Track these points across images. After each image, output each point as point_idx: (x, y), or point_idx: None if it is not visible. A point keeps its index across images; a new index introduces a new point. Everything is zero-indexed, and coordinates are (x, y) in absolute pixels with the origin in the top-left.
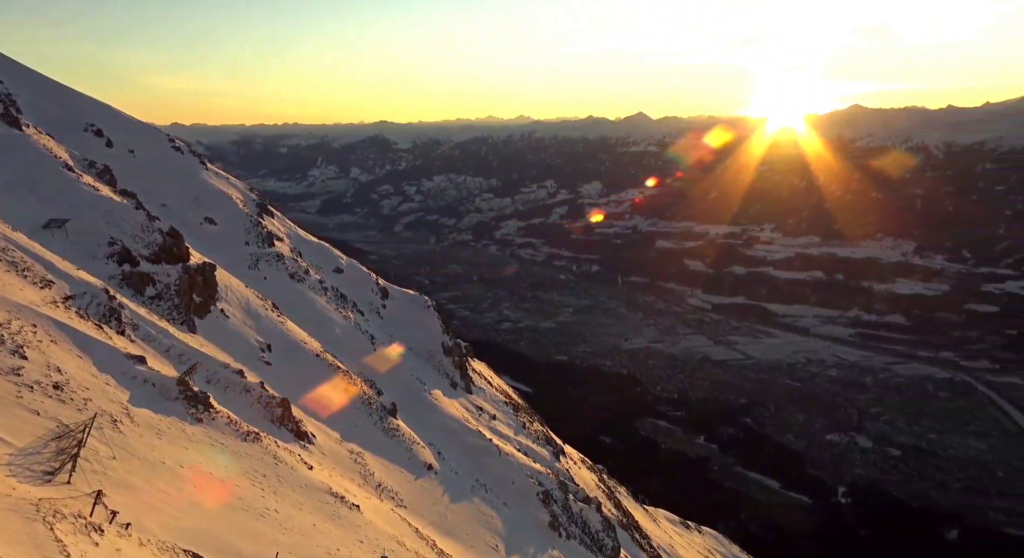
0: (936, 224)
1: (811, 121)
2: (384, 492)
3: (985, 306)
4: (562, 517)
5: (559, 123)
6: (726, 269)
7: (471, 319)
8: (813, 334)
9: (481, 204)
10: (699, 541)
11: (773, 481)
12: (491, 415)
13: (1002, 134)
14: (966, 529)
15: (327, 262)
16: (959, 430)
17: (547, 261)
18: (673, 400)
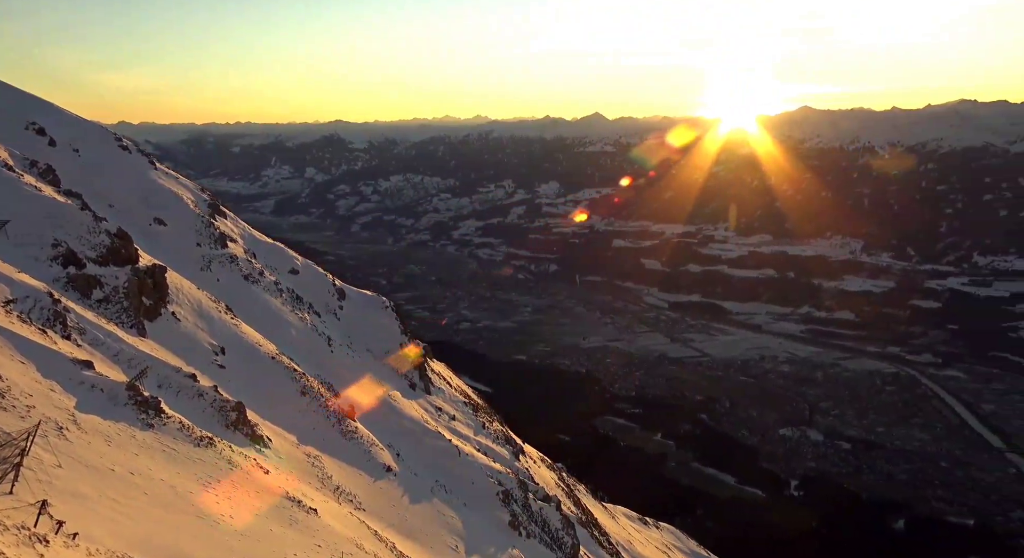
0: (882, 223)
1: (762, 122)
2: (342, 495)
3: (928, 302)
4: (522, 516)
5: (516, 123)
6: (682, 268)
7: (429, 319)
8: (766, 331)
9: (439, 204)
10: (657, 537)
11: (729, 476)
12: (450, 415)
13: (943, 136)
14: (912, 518)
15: (282, 263)
16: (905, 423)
17: (505, 260)
18: (631, 398)
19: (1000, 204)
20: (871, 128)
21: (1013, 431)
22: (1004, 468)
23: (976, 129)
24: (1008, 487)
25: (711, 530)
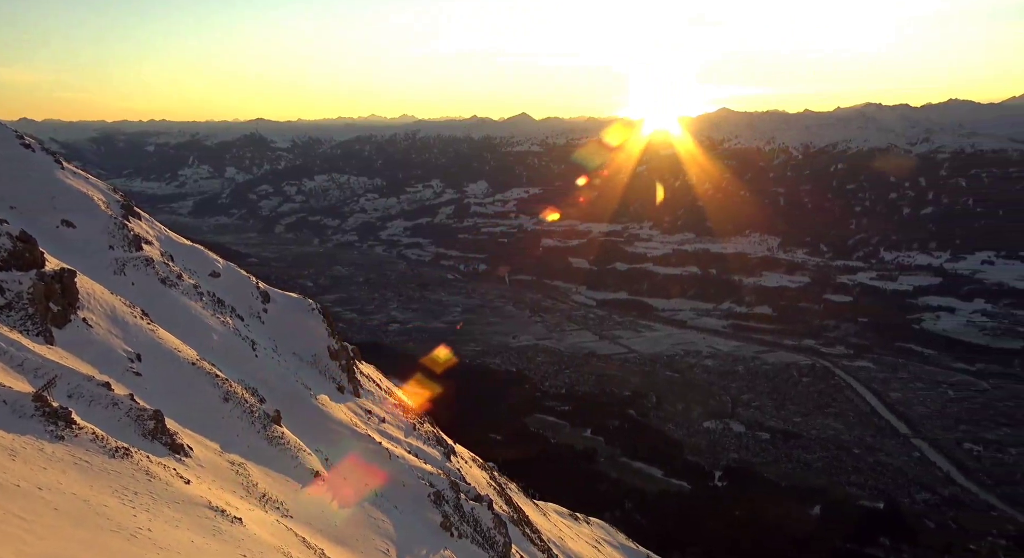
0: (797, 220)
1: (684, 123)
2: (269, 503)
3: (840, 296)
4: (454, 517)
5: (443, 122)
6: (608, 266)
7: (358, 321)
8: (690, 326)
9: (366, 204)
10: (587, 532)
11: (656, 469)
12: (380, 418)
13: (851, 136)
14: (827, 503)
15: (202, 266)
16: (820, 412)
17: (434, 261)
18: (561, 395)
19: (904, 203)
20: (785, 130)
21: (917, 418)
22: (910, 453)
23: (880, 131)
24: (913, 470)
25: (639, 523)
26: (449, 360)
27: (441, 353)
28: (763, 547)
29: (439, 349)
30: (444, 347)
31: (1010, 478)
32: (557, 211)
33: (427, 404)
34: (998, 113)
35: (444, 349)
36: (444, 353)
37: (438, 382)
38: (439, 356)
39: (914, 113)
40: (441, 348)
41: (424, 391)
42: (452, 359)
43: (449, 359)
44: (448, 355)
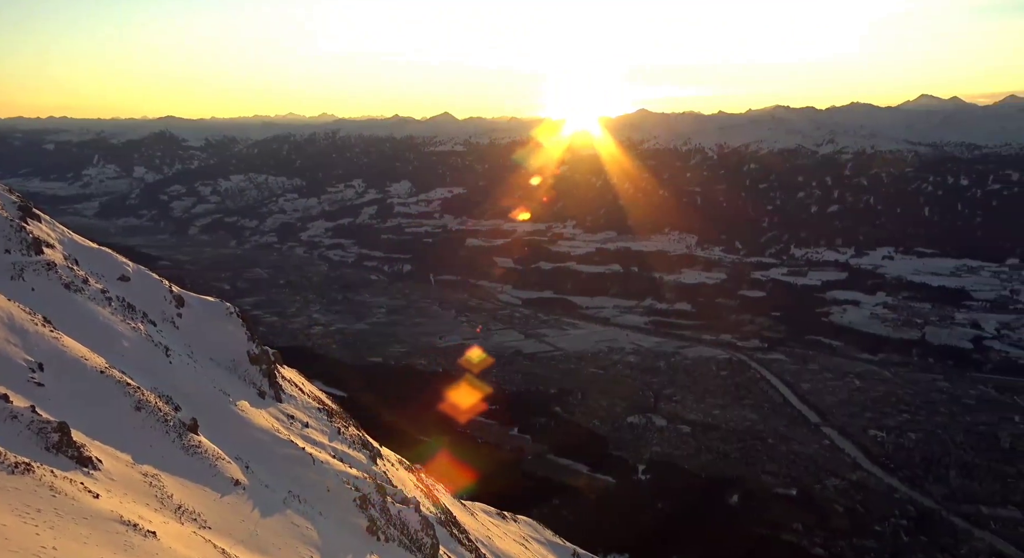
0: (713, 219)
1: (604, 124)
2: (185, 514)
3: (755, 292)
4: (380, 520)
5: (365, 121)
6: (533, 265)
7: (279, 324)
8: (613, 323)
9: (285, 205)
10: (515, 529)
11: (582, 465)
12: (304, 423)
13: (762, 137)
14: (744, 492)
15: (110, 270)
16: (737, 404)
17: (358, 262)
18: (488, 395)
19: (811, 201)
20: (701, 131)
21: (826, 407)
22: (820, 441)
23: (789, 132)
24: (823, 457)
25: (566, 518)
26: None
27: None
28: (684, 537)
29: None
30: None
31: (910, 462)
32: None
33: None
34: (895, 116)
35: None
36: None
37: (365, 384)
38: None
39: (819, 115)
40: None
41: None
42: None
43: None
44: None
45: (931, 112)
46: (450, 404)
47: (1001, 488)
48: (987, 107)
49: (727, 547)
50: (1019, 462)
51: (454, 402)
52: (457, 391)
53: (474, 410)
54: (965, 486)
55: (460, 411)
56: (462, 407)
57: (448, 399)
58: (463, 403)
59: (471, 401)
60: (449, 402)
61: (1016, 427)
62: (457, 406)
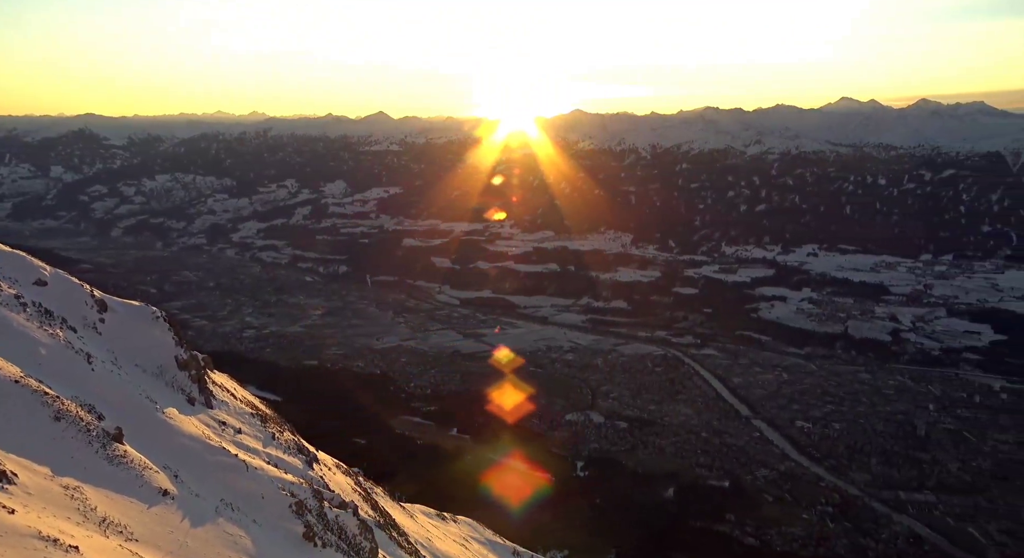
0: (647, 218)
1: (540, 124)
2: (110, 527)
3: (688, 289)
4: (317, 526)
5: (297, 120)
6: (471, 265)
7: (209, 328)
8: (551, 322)
9: (215, 205)
10: (455, 530)
11: (521, 464)
12: (236, 429)
13: (694, 138)
14: (679, 486)
15: (25, 274)
16: (672, 399)
17: (292, 263)
18: (427, 396)
19: (740, 200)
20: (634, 131)
21: (756, 400)
22: (751, 433)
23: (718, 133)
24: (754, 449)
25: (506, 517)
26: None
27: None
28: (622, 532)
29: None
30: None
31: (835, 451)
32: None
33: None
34: (818, 118)
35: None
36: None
37: (300, 388)
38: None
39: (747, 117)
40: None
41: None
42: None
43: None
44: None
45: (850, 114)
46: (387, 406)
47: (918, 474)
48: (902, 110)
49: (663, 540)
50: (933, 449)
51: (390, 403)
52: (393, 392)
53: (411, 411)
54: (885, 473)
55: (397, 412)
56: (399, 408)
57: (384, 400)
58: (400, 404)
59: (408, 402)
60: (386, 403)
61: (930, 415)
62: (394, 407)
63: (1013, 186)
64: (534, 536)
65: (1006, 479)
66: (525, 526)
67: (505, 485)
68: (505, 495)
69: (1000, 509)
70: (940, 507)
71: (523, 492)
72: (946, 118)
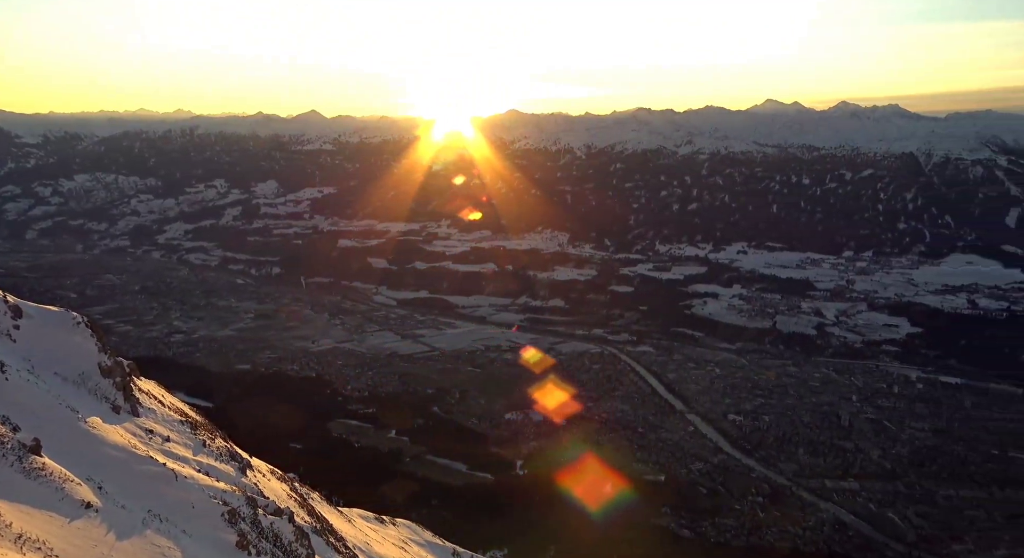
0: (583, 217)
1: (476, 124)
2: (27, 543)
3: (623, 287)
4: (251, 534)
5: (225, 119)
6: (408, 265)
7: (135, 333)
8: (490, 322)
9: (139, 206)
10: (394, 533)
11: (460, 464)
12: (164, 437)
13: (627, 138)
14: (616, 481)
15: None
16: (610, 396)
17: (222, 265)
18: (364, 398)
19: (672, 199)
20: (569, 131)
21: (690, 395)
22: (685, 427)
23: (651, 133)
24: (688, 443)
25: (446, 518)
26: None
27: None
28: (562, 529)
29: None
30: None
31: (765, 443)
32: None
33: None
34: (745, 119)
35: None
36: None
37: (233, 393)
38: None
39: (678, 118)
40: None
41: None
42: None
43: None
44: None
45: (776, 116)
46: (323, 409)
47: (842, 462)
48: (823, 112)
49: (601, 534)
50: (856, 438)
51: (327, 407)
52: (330, 395)
53: (349, 414)
54: (812, 462)
55: (334, 415)
56: (336, 411)
57: (321, 404)
58: (336, 407)
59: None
60: (322, 407)
61: (853, 406)
62: (330, 411)
63: (925, 186)
64: (474, 536)
65: (922, 465)
66: (465, 526)
67: (444, 485)
68: (445, 495)
69: (917, 494)
70: (863, 494)
71: (463, 492)
72: (864, 120)
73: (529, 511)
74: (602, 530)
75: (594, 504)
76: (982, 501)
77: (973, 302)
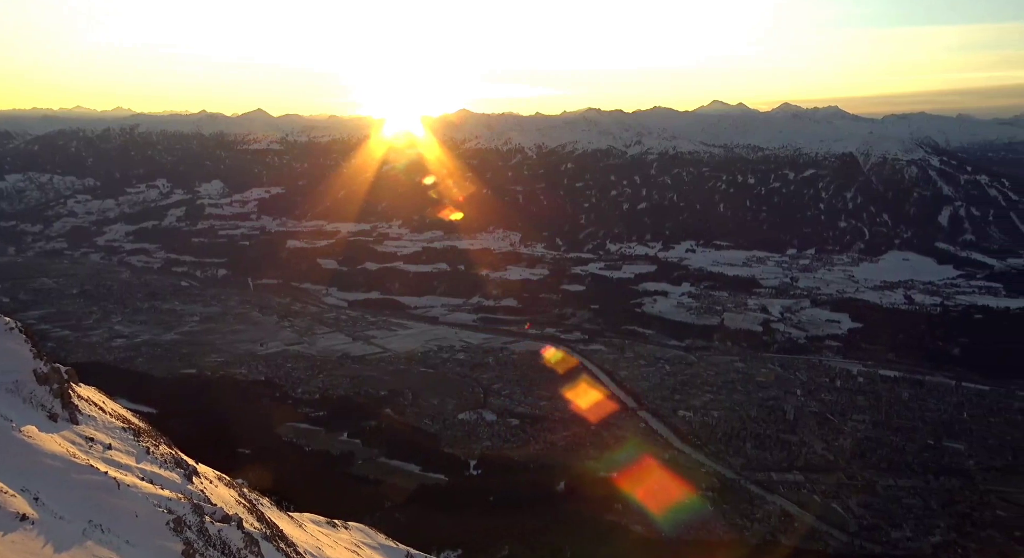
0: (534, 217)
1: (427, 123)
2: None
3: (575, 286)
4: (198, 542)
5: (168, 117)
6: (359, 266)
7: (73, 338)
8: (442, 322)
9: (76, 207)
10: (346, 537)
11: (414, 466)
12: (105, 445)
13: (577, 138)
14: (571, 478)
15: None
16: (562, 395)
17: (165, 268)
18: (314, 401)
19: (622, 198)
20: (520, 131)
21: (641, 391)
22: (637, 424)
23: (601, 134)
24: (640, 440)
25: (399, 520)
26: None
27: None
28: (515, 527)
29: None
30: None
31: (714, 437)
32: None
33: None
34: (692, 120)
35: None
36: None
37: (178, 398)
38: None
39: (627, 118)
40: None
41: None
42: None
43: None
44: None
45: (722, 117)
46: (273, 413)
47: (787, 455)
48: (767, 113)
49: (555, 532)
50: (801, 431)
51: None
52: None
53: (299, 418)
54: (759, 456)
55: (284, 419)
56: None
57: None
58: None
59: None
60: (271, 411)
61: (798, 400)
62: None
63: (864, 185)
64: (428, 537)
65: (863, 456)
66: (419, 528)
67: (397, 487)
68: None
69: (859, 484)
70: (807, 486)
71: (416, 494)
72: (806, 121)
73: (483, 511)
74: (556, 528)
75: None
76: (919, 489)
77: (909, 298)
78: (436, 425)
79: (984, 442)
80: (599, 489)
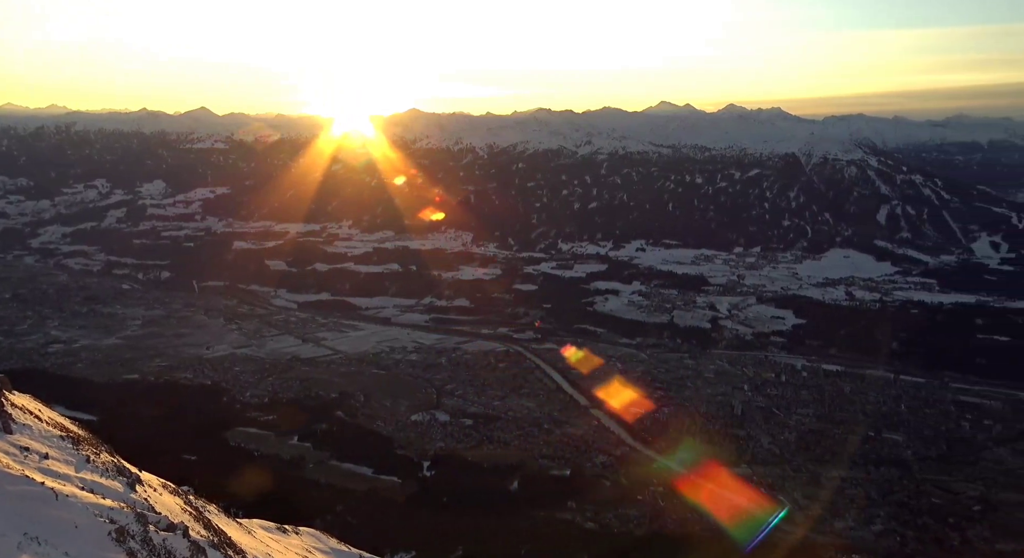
0: (486, 217)
1: (376, 122)
2: None
3: (528, 286)
4: (142, 553)
5: (106, 115)
6: (308, 267)
7: (6, 345)
8: (394, 323)
9: (7, 208)
10: (297, 542)
11: (366, 468)
12: (42, 454)
13: (528, 138)
14: (524, 477)
15: None
16: (515, 394)
17: (105, 270)
18: (263, 405)
19: (574, 198)
20: (471, 131)
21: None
22: (590, 422)
23: (551, 134)
24: (592, 437)
25: (352, 524)
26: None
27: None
28: (469, 528)
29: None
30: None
31: (664, 433)
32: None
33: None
34: (641, 120)
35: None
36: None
37: (120, 405)
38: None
39: (577, 118)
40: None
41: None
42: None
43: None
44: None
45: (670, 117)
46: (220, 418)
47: (735, 450)
48: (713, 114)
49: (508, 532)
50: (748, 426)
51: (224, 415)
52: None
53: (247, 422)
54: (708, 451)
55: (232, 424)
56: (233, 420)
57: (217, 413)
58: (234, 416)
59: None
60: (218, 416)
61: (745, 395)
62: (228, 419)
63: (806, 185)
64: (381, 540)
65: (808, 449)
66: (372, 531)
67: (349, 490)
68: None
69: (803, 476)
70: (755, 479)
71: (368, 496)
72: (750, 122)
73: (437, 512)
74: (509, 528)
75: (502, 501)
76: (860, 480)
77: (850, 294)
78: (388, 427)
79: (920, 433)
80: (553, 488)
